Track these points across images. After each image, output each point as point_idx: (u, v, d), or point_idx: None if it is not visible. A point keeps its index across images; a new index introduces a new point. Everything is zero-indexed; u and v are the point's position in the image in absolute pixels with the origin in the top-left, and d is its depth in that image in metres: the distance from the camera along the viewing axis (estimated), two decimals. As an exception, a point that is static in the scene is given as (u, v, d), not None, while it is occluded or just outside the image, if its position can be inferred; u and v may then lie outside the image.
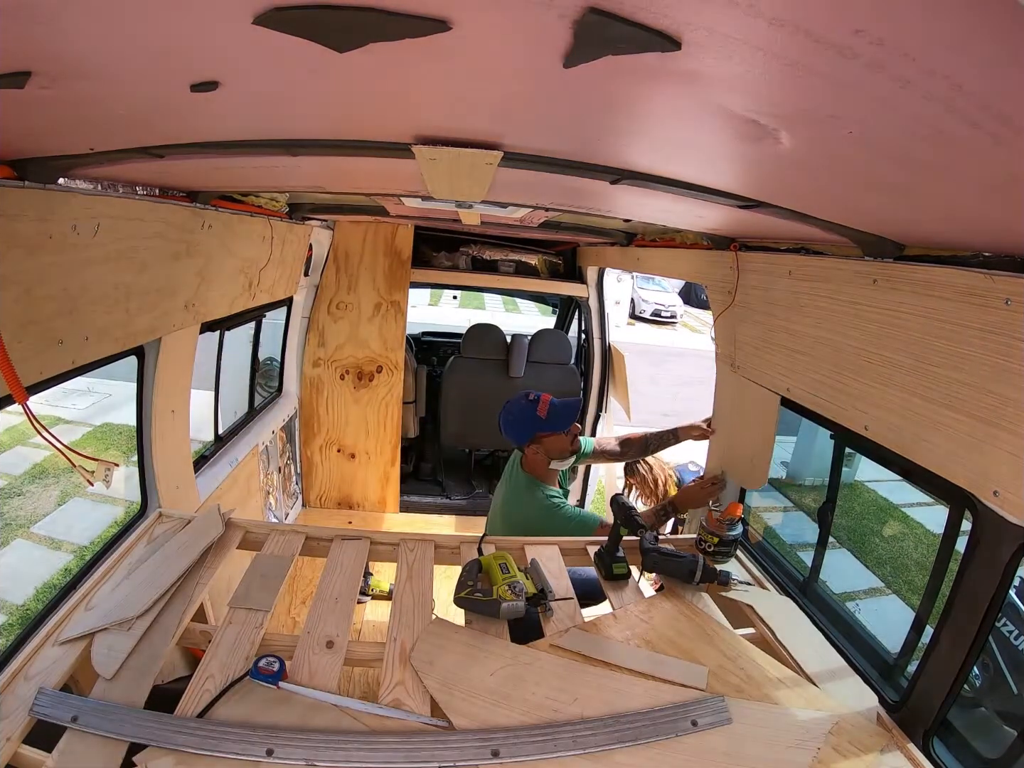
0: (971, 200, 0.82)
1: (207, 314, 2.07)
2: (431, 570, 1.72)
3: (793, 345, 1.69)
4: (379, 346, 3.43)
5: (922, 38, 0.43)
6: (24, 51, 0.59)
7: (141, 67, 0.67)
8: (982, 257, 1.05)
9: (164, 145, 1.04)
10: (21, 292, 1.14)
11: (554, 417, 2.07)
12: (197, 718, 1.14)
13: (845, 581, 4.42)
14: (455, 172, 1.17)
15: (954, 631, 1.19)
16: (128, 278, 1.53)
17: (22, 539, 4.48)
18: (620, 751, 1.15)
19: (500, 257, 3.77)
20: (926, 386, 1.19)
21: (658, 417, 8.27)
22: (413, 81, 0.70)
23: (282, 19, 0.50)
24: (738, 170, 1.03)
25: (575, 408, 2.14)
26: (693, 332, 15.43)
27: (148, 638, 1.34)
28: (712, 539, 1.84)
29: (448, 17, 0.50)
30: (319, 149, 1.10)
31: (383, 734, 1.15)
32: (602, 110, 0.77)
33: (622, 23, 0.46)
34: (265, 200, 2.14)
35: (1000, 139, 0.56)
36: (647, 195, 1.31)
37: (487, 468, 4.10)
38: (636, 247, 2.76)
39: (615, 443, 2.44)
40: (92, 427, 6.30)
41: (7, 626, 3.63)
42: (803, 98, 0.60)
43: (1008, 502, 1.03)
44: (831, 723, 1.23)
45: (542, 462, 2.09)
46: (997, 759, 1.31)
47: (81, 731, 1.09)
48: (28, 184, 1.08)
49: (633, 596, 1.68)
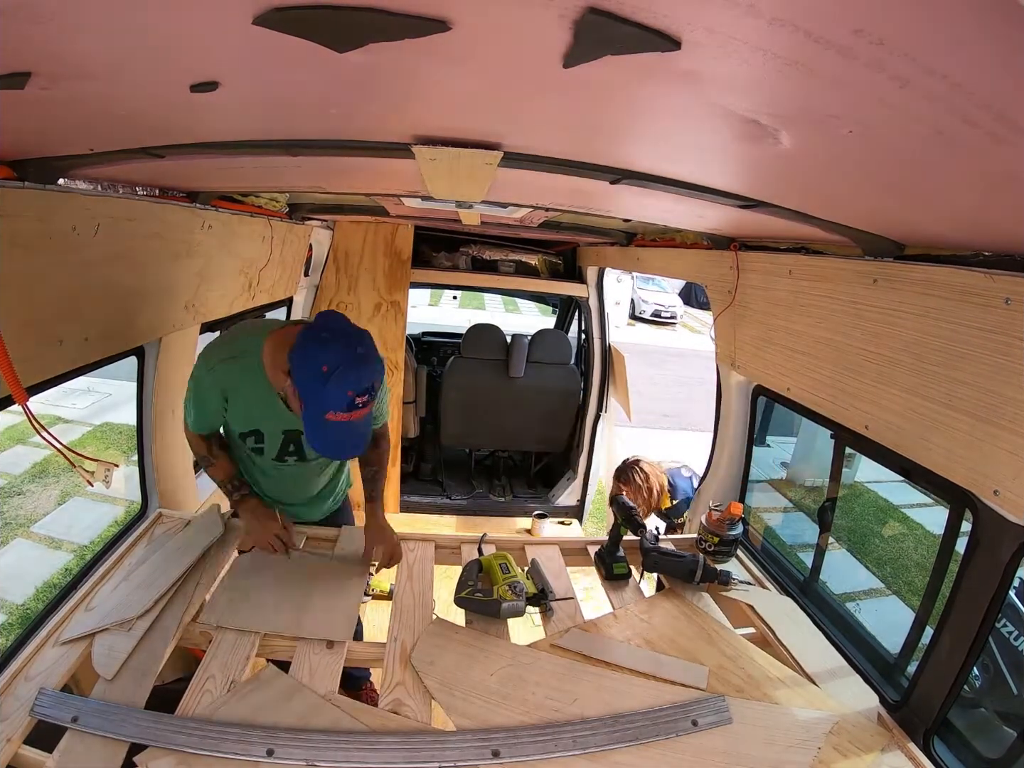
0: (971, 200, 0.82)
1: (207, 314, 2.07)
2: (431, 570, 1.72)
3: (793, 345, 1.69)
4: (379, 346, 3.41)
5: (922, 38, 0.43)
6: (24, 51, 0.59)
7: (141, 67, 0.67)
8: (982, 257, 1.05)
9: (164, 145, 1.04)
10: (21, 292, 1.14)
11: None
12: (198, 719, 1.14)
13: (845, 581, 4.42)
14: (455, 172, 1.17)
15: (954, 631, 1.19)
16: (128, 278, 1.53)
17: (22, 538, 4.48)
18: (620, 751, 1.15)
19: (500, 257, 3.77)
20: (926, 385, 1.19)
21: (658, 417, 8.29)
22: (413, 81, 0.70)
23: (282, 19, 0.50)
24: (738, 170, 1.03)
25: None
26: (693, 332, 15.43)
27: (148, 638, 1.33)
28: (712, 539, 1.84)
29: (448, 17, 0.50)
30: (319, 149, 1.10)
31: (383, 734, 1.15)
32: (602, 110, 0.77)
33: (622, 23, 0.46)
34: (265, 200, 2.14)
35: (1000, 139, 0.56)
36: (647, 195, 1.31)
37: (487, 468, 4.10)
38: (636, 247, 2.76)
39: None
40: (92, 427, 6.30)
41: (7, 626, 3.63)
42: (803, 98, 0.60)
43: (1008, 501, 1.04)
44: (831, 723, 1.23)
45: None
46: (997, 759, 1.31)
47: (81, 732, 1.10)
48: (28, 184, 1.08)
49: (633, 596, 1.68)
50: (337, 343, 1.23)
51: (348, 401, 1.21)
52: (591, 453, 3.78)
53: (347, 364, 1.20)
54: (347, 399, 1.21)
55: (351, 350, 1.22)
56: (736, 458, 2.25)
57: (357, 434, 1.30)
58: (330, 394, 1.20)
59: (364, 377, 1.23)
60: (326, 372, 1.19)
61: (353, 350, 1.22)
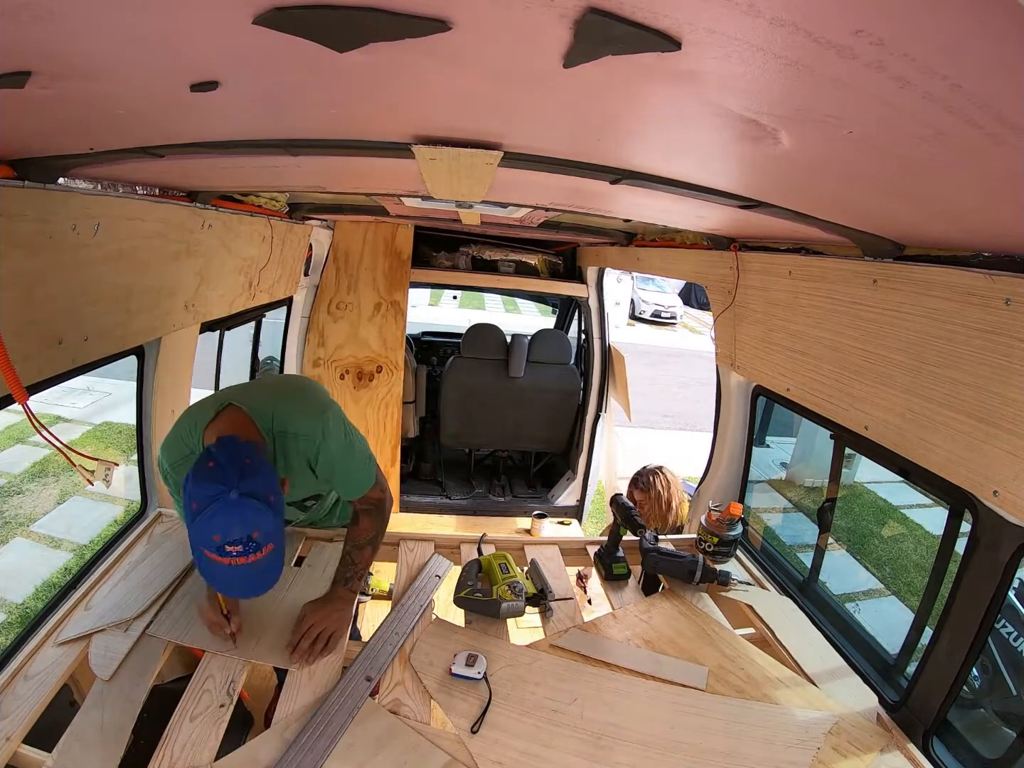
0: (971, 200, 0.82)
1: (207, 314, 2.07)
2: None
3: (793, 345, 1.69)
4: (379, 346, 3.43)
5: (922, 38, 0.43)
6: (24, 51, 0.59)
7: (141, 67, 0.67)
8: (982, 257, 1.05)
9: (164, 145, 1.04)
10: (21, 292, 1.14)
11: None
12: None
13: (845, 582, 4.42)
14: (455, 172, 1.17)
15: (954, 632, 1.19)
16: (128, 278, 1.53)
17: (22, 537, 4.48)
18: (620, 751, 1.16)
19: (500, 257, 3.77)
20: (926, 386, 1.19)
21: (658, 417, 8.29)
22: (413, 81, 0.70)
23: (282, 19, 0.50)
24: (738, 170, 1.02)
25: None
26: (693, 333, 15.43)
27: (147, 638, 1.33)
28: (712, 539, 1.84)
29: (448, 17, 0.50)
30: (319, 149, 1.10)
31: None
32: (602, 110, 0.77)
33: (622, 23, 0.46)
34: (265, 200, 2.14)
35: (1000, 139, 0.56)
36: (647, 195, 1.31)
37: (487, 468, 4.10)
38: (636, 247, 2.76)
39: None
40: (92, 426, 6.29)
41: (7, 625, 3.63)
42: (803, 98, 0.60)
43: (1008, 502, 1.03)
44: (831, 723, 1.23)
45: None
46: (997, 759, 1.31)
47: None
48: (28, 184, 1.08)
49: (633, 596, 1.68)
50: (214, 481, 1.05)
51: (216, 546, 1.03)
52: (591, 453, 3.78)
53: (215, 509, 1.03)
54: (214, 543, 1.03)
55: (225, 493, 1.03)
56: (736, 458, 2.25)
57: (247, 578, 1.08)
58: (197, 532, 1.05)
59: (234, 525, 1.03)
60: (194, 509, 1.04)
61: (227, 494, 1.03)
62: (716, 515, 1.86)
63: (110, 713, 1.16)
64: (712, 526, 1.85)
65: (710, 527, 1.86)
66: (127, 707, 1.18)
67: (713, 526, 1.85)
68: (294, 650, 1.32)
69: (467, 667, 1.31)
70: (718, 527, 1.84)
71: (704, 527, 1.88)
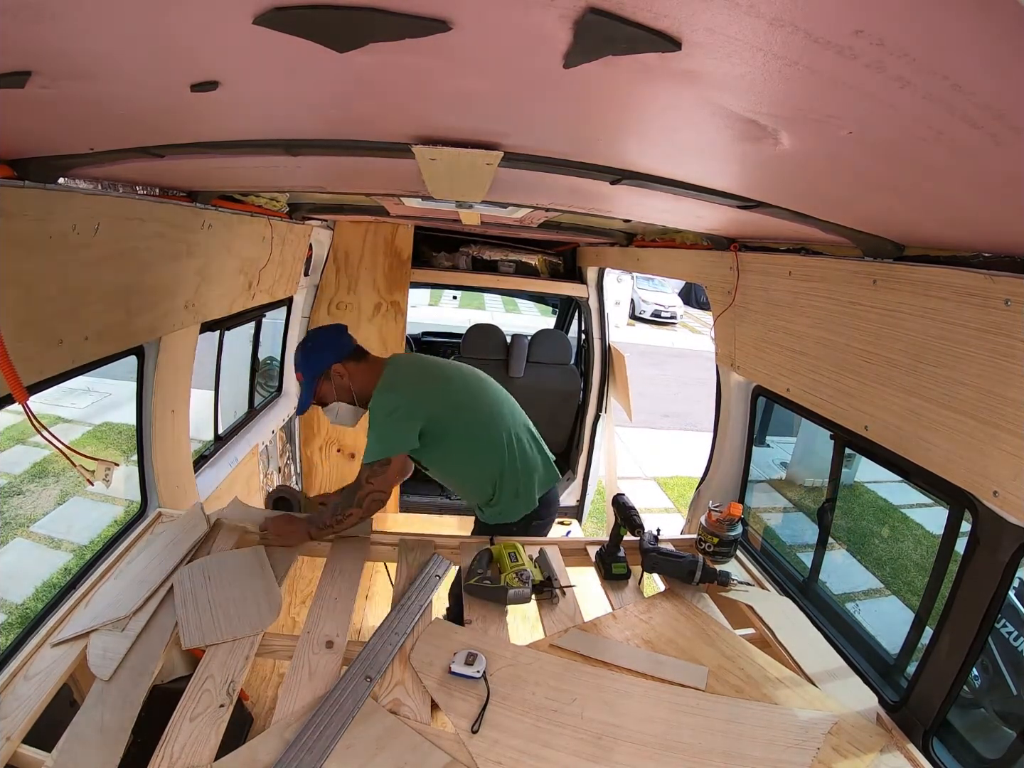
0: (971, 200, 0.82)
1: (207, 314, 2.07)
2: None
3: (793, 345, 1.69)
4: (379, 346, 3.43)
5: (922, 38, 0.43)
6: (24, 50, 0.59)
7: (141, 67, 0.67)
8: (982, 257, 1.05)
9: (164, 145, 1.04)
10: (21, 292, 1.14)
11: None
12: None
13: (845, 582, 4.42)
14: (455, 172, 1.17)
15: (954, 632, 1.19)
16: (128, 278, 1.53)
17: (22, 538, 4.48)
18: (620, 751, 1.15)
19: (500, 257, 3.77)
20: (926, 386, 1.19)
21: (658, 417, 8.29)
22: (413, 81, 0.70)
23: (282, 19, 0.50)
24: (738, 170, 1.03)
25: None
26: (693, 333, 15.43)
27: (145, 638, 1.34)
28: (712, 539, 1.84)
29: (448, 17, 0.50)
30: (319, 149, 1.10)
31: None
32: (602, 110, 0.77)
33: (622, 23, 0.46)
34: (265, 200, 2.14)
35: (1000, 139, 0.56)
36: (647, 195, 1.31)
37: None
38: (636, 247, 2.76)
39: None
40: (92, 426, 6.29)
41: (7, 625, 3.63)
42: (803, 98, 0.60)
43: (1008, 502, 1.03)
44: (831, 723, 1.23)
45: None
46: (996, 759, 1.31)
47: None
48: (28, 184, 1.08)
49: (633, 596, 1.68)
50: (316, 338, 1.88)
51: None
52: (591, 453, 3.78)
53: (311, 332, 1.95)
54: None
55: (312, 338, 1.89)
56: (736, 458, 2.26)
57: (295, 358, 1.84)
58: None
59: (304, 340, 1.90)
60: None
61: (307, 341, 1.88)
62: (716, 515, 1.86)
63: (110, 713, 1.16)
64: (712, 526, 1.85)
65: (710, 527, 1.86)
66: (127, 707, 1.18)
67: (713, 526, 1.85)
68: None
69: (466, 666, 1.31)
70: (718, 527, 1.84)
71: (704, 527, 1.88)
